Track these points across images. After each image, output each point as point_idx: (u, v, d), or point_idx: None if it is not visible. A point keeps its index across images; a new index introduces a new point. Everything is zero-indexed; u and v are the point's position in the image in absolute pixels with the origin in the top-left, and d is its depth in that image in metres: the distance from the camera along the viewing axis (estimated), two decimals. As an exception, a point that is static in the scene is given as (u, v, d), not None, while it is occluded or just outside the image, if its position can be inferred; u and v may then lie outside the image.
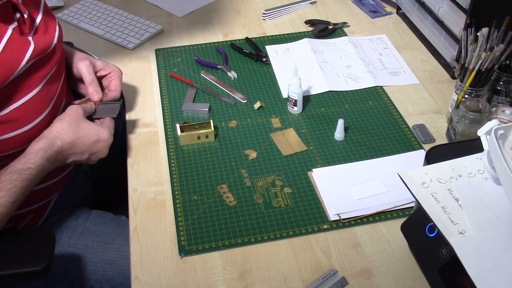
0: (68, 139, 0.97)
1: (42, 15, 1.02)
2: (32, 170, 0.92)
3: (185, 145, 1.15)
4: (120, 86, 1.15)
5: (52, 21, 1.05)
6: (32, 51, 0.93)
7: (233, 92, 1.29)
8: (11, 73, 0.90)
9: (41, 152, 0.94)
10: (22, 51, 0.92)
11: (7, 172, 0.90)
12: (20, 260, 0.87)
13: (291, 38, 1.50)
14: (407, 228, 0.89)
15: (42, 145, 0.94)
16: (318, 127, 1.19)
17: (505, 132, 0.81)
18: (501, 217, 0.76)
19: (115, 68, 1.15)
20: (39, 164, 0.93)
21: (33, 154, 0.93)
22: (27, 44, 0.93)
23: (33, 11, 1.00)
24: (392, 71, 1.37)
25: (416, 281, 0.88)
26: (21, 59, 0.91)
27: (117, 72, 1.15)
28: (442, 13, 1.34)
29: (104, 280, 1.07)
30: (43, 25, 1.01)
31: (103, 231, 1.11)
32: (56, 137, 0.96)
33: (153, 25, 1.53)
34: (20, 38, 0.93)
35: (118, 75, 1.15)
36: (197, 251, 0.94)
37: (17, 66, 0.90)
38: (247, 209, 1.01)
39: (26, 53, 0.92)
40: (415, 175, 0.82)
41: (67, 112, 1.01)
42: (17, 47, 0.91)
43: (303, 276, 0.89)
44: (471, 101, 1.08)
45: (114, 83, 1.14)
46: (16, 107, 0.93)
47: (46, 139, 0.96)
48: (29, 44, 0.93)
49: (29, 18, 0.97)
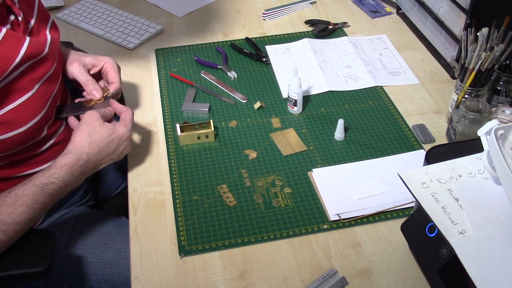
0: (93, 151, 0.97)
1: (36, 18, 1.02)
2: (54, 185, 0.91)
3: (185, 145, 1.15)
4: (117, 76, 1.13)
5: (44, 24, 1.04)
6: (27, 47, 0.92)
7: (233, 92, 1.29)
8: (6, 68, 0.89)
9: (66, 168, 0.94)
10: (17, 47, 0.91)
11: (31, 185, 0.90)
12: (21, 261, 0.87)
13: (291, 38, 1.50)
14: (407, 228, 0.89)
15: (68, 160, 0.94)
16: (318, 127, 1.19)
17: (505, 132, 0.81)
18: (501, 217, 0.76)
19: (106, 59, 1.13)
20: (62, 179, 0.92)
21: (58, 168, 0.93)
22: (22, 40, 0.93)
23: (27, 13, 1.00)
24: (392, 71, 1.37)
25: (416, 281, 0.88)
26: (16, 54, 0.90)
27: (110, 63, 1.13)
28: (442, 13, 1.34)
29: (103, 280, 1.07)
30: (37, 28, 1.01)
31: (102, 231, 1.11)
32: (81, 151, 0.96)
33: (153, 25, 1.53)
34: (15, 34, 0.92)
35: (112, 66, 1.13)
36: (197, 251, 0.94)
37: (13, 61, 0.90)
38: (247, 209, 1.01)
39: (21, 48, 0.91)
40: (415, 175, 0.82)
41: (85, 122, 1.00)
42: (12, 43, 0.90)
43: (303, 276, 0.89)
44: (471, 101, 1.08)
45: (111, 75, 1.12)
46: (11, 109, 0.92)
47: (72, 154, 0.95)
48: (24, 40, 0.93)
49: (24, 21, 0.97)
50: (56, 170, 0.93)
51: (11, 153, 0.96)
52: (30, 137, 0.97)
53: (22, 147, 0.98)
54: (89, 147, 0.97)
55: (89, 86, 1.09)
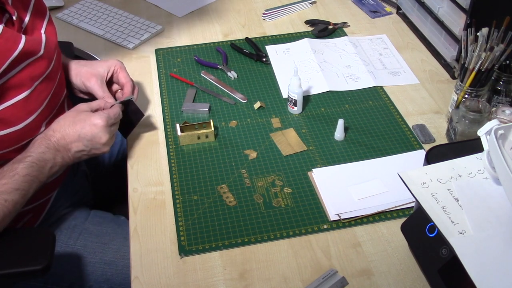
0: (60, 127, 0.99)
1: (30, 16, 1.02)
2: (32, 157, 0.94)
3: (185, 145, 1.15)
4: (128, 75, 1.16)
5: (40, 21, 1.05)
6: (24, 44, 0.93)
7: (233, 92, 1.29)
8: (3, 62, 0.89)
9: (39, 141, 0.97)
10: (15, 42, 0.91)
11: (8, 164, 0.93)
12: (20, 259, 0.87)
13: (291, 38, 1.50)
14: (407, 228, 0.89)
15: (40, 136, 0.98)
16: (318, 127, 1.19)
17: (505, 132, 0.81)
18: (501, 217, 0.76)
19: (114, 62, 1.15)
20: (38, 152, 0.95)
21: (32, 144, 0.97)
22: (19, 37, 0.93)
23: (21, 12, 1.00)
24: (392, 71, 1.37)
25: (416, 281, 0.88)
26: (13, 49, 0.91)
27: (119, 64, 1.16)
28: (442, 13, 1.34)
29: (102, 280, 1.07)
30: (31, 26, 1.01)
31: (102, 231, 1.11)
32: (53, 128, 0.99)
33: (153, 25, 1.53)
34: (12, 31, 0.92)
35: (122, 67, 1.16)
36: (197, 251, 0.94)
37: (10, 55, 0.90)
38: (247, 209, 1.01)
39: (19, 44, 0.92)
40: (415, 175, 0.82)
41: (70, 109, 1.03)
42: (10, 38, 0.91)
43: (303, 276, 0.89)
44: (471, 101, 1.08)
45: (122, 76, 1.15)
46: (7, 106, 0.93)
47: (43, 133, 0.99)
48: (21, 37, 0.93)
49: (18, 20, 0.97)
50: (31, 146, 0.97)
51: (7, 151, 0.97)
52: (27, 135, 0.98)
53: (19, 145, 0.98)
54: (57, 123, 1.00)
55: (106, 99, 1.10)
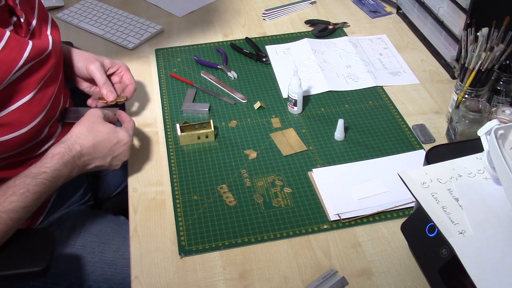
0: (87, 144, 0.95)
1: (37, 19, 1.02)
2: (46, 174, 0.90)
3: (185, 145, 1.15)
4: (132, 78, 1.16)
5: (45, 25, 1.05)
6: (30, 51, 0.92)
7: (233, 92, 1.29)
8: (9, 72, 0.89)
9: (58, 157, 0.92)
10: (20, 50, 0.91)
11: (21, 176, 0.89)
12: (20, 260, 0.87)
13: (291, 38, 1.50)
14: (407, 228, 0.89)
15: (59, 149, 0.93)
16: (318, 127, 1.19)
17: (505, 132, 0.80)
18: (501, 217, 0.76)
19: (121, 64, 1.17)
20: (54, 169, 0.91)
21: (49, 158, 0.92)
22: (25, 44, 0.93)
23: (29, 15, 1.00)
24: (392, 71, 1.37)
25: (416, 281, 0.88)
26: (19, 58, 0.91)
27: (125, 66, 1.17)
28: (442, 13, 1.34)
29: (102, 280, 1.07)
30: (38, 29, 1.01)
31: (101, 231, 1.11)
32: (74, 141, 0.95)
33: (153, 25, 1.53)
34: (18, 38, 0.93)
35: (127, 69, 1.17)
36: (197, 251, 0.94)
37: (15, 65, 0.90)
38: (247, 209, 1.01)
39: (25, 52, 0.92)
40: (415, 175, 0.82)
41: (86, 117, 0.99)
42: (16, 46, 0.91)
43: (303, 276, 0.89)
44: (471, 101, 1.08)
45: (126, 77, 1.16)
46: (12, 110, 0.92)
47: (64, 144, 0.94)
48: (27, 44, 0.93)
49: (26, 22, 0.97)
50: (47, 160, 0.91)
51: (12, 154, 0.96)
52: (31, 138, 0.97)
53: (23, 148, 0.98)
54: (84, 139, 0.95)
55: (106, 87, 1.10)
